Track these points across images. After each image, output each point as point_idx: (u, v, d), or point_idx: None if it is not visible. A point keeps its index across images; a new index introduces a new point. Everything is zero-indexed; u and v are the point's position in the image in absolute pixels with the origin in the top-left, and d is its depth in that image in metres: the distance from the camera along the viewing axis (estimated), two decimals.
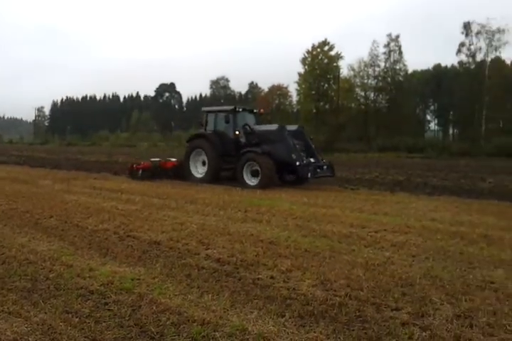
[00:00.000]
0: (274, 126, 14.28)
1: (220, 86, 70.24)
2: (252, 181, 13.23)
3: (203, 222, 7.52)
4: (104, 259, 5.35)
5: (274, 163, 13.03)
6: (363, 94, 52.55)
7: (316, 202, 10.16)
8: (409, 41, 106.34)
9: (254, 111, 15.54)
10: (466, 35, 44.09)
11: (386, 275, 4.84)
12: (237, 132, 14.18)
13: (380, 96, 51.07)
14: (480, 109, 42.15)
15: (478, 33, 43.42)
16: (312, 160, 13.33)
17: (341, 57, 52.08)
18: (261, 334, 3.43)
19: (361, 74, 51.62)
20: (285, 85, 63.15)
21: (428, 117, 74.05)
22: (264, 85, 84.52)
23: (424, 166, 24.12)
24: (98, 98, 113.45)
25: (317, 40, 53.86)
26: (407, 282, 4.63)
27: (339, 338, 3.40)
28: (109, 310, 3.87)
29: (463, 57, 45.28)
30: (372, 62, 50.35)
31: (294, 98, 58.73)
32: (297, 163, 12.73)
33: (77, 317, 3.69)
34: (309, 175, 12.72)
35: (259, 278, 4.73)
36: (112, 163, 24.04)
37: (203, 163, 14.78)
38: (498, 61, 45.69)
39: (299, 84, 54.09)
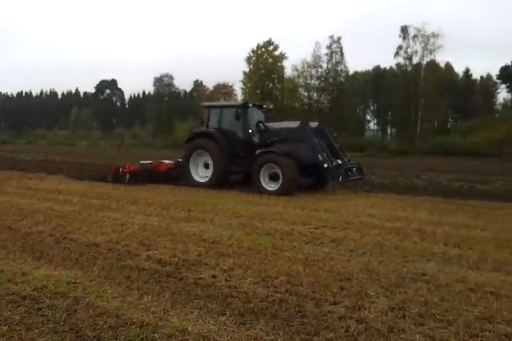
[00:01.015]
0: (295, 124, 12.55)
1: (164, 83, 68.94)
2: (270, 186, 11.65)
3: (145, 223, 7.37)
4: (38, 263, 5.12)
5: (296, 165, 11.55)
6: (306, 94, 53.52)
7: (259, 201, 10.25)
8: (351, 43, 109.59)
9: (264, 106, 13.93)
10: (404, 38, 45.99)
11: (325, 270, 4.96)
12: (250, 130, 12.58)
13: (323, 96, 52.20)
14: (416, 109, 44.15)
15: (414, 36, 45.41)
16: (339, 161, 11.84)
17: (285, 58, 52.84)
18: (201, 333, 3.41)
19: (304, 74, 52.52)
20: (230, 84, 63.10)
21: (368, 117, 76.76)
22: (210, 83, 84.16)
23: (364, 164, 24.81)
24: (34, 94, 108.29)
25: (262, 39, 54.38)
26: (345, 276, 4.78)
27: (278, 334, 3.45)
28: (42, 315, 3.71)
29: (400, 60, 47.22)
30: (315, 63, 51.32)
31: (240, 97, 58.85)
32: (325, 165, 11.20)
33: (6, 325, 3.51)
34: (340, 178, 11.28)
35: (200, 277, 4.70)
36: (49, 162, 23.03)
37: (206, 166, 13.13)
38: (432, 64, 48.04)
39: (244, 83, 54.25)
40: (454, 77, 66.46)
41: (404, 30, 45.88)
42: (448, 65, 62.19)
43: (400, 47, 46.16)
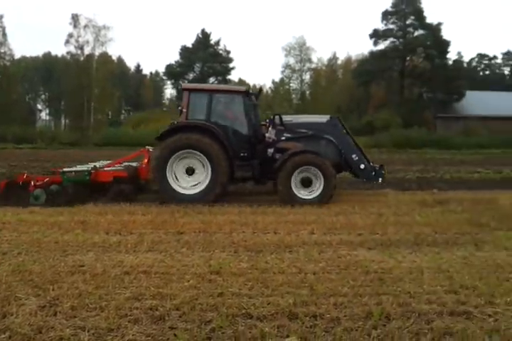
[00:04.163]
0: (323, 118, 10.68)
1: None
2: (304, 194, 9.51)
3: None
4: None
5: None
6: None
7: None
8: (17, 26, 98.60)
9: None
10: (75, 26, 44.66)
11: None
12: (266, 124, 10.46)
13: None
14: (88, 100, 43.82)
15: (85, 26, 44.69)
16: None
17: None
18: None
19: None
20: None
21: (39, 106, 71.50)
22: None
23: (32, 156, 23.10)
24: None
25: None
26: None
27: None
28: None
29: (72, 49, 45.73)
30: None
31: None
32: (362, 166, 10.01)
33: None
34: (380, 179, 10.12)
35: None
36: None
37: (189, 172, 9.59)
38: (105, 56, 48.54)
39: None
40: (126, 71, 69.24)
41: (74, 18, 44.58)
42: (120, 59, 64.33)
43: (70, 36, 44.70)
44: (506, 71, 67.11)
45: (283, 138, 10.22)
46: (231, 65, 52.01)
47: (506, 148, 31.25)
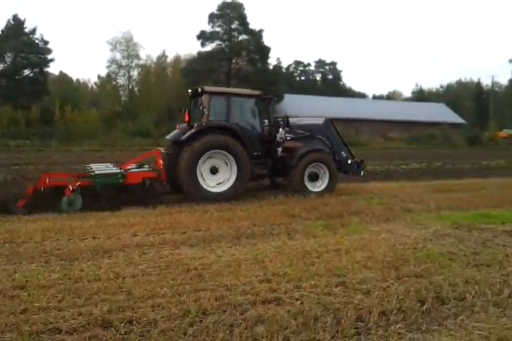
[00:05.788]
0: (319, 120, 12.11)
1: None
2: (314, 186, 10.84)
3: None
4: None
5: None
6: None
7: None
8: None
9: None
10: None
11: None
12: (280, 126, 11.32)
13: None
14: None
15: None
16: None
17: None
18: None
19: None
20: None
21: None
22: None
23: None
24: None
25: None
26: None
27: None
28: None
29: None
30: None
31: None
32: (349, 162, 11.60)
33: None
34: (362, 172, 11.85)
35: None
36: None
37: (213, 171, 10.02)
38: None
39: None
40: None
41: None
42: None
43: None
44: (318, 77, 75.13)
45: (288, 138, 11.23)
46: (50, 57, 47.27)
47: None
